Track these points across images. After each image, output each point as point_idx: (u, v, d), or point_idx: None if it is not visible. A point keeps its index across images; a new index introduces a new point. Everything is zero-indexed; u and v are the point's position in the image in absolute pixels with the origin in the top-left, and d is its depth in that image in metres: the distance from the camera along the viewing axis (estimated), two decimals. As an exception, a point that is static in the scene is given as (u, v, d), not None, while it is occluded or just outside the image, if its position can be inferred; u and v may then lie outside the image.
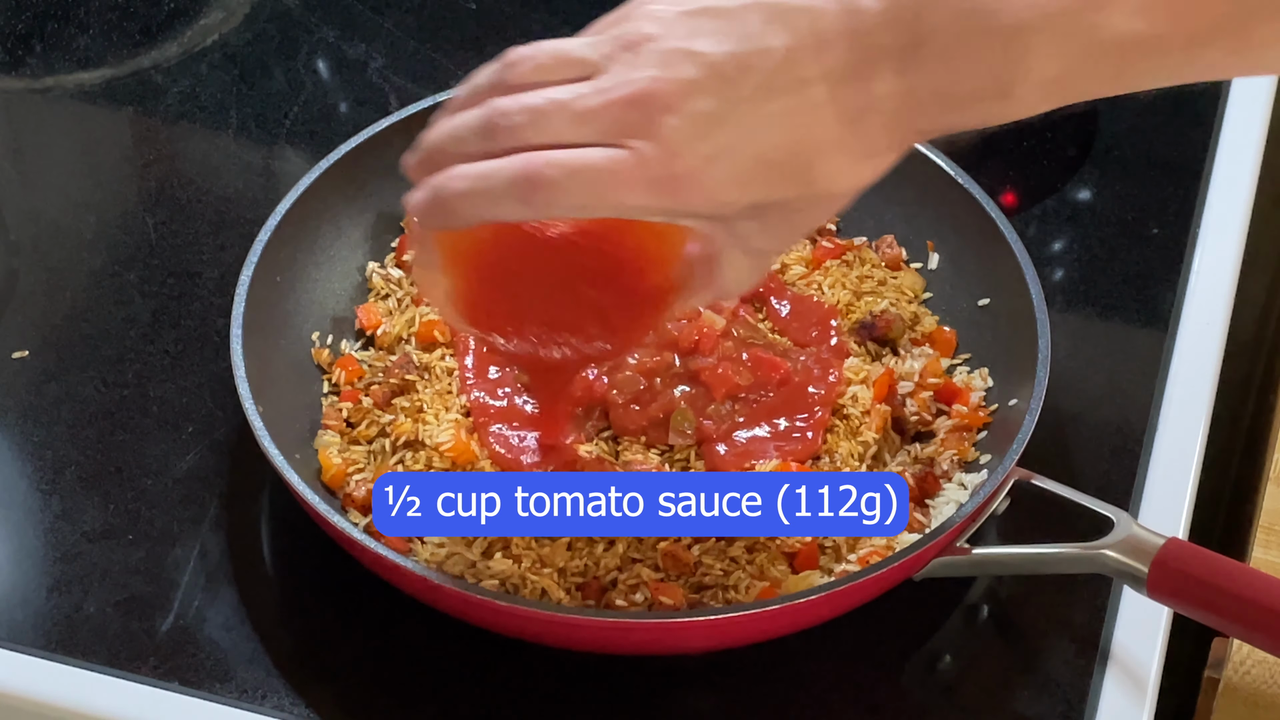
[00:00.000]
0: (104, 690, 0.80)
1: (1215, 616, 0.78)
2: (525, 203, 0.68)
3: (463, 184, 0.69)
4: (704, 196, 0.68)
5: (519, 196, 0.68)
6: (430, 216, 0.71)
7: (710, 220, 0.70)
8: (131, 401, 0.92)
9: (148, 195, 1.03)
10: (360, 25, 1.12)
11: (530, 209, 0.69)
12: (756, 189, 0.69)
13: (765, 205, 0.70)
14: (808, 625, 0.80)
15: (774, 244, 0.74)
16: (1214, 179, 1.03)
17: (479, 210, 0.69)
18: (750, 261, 0.74)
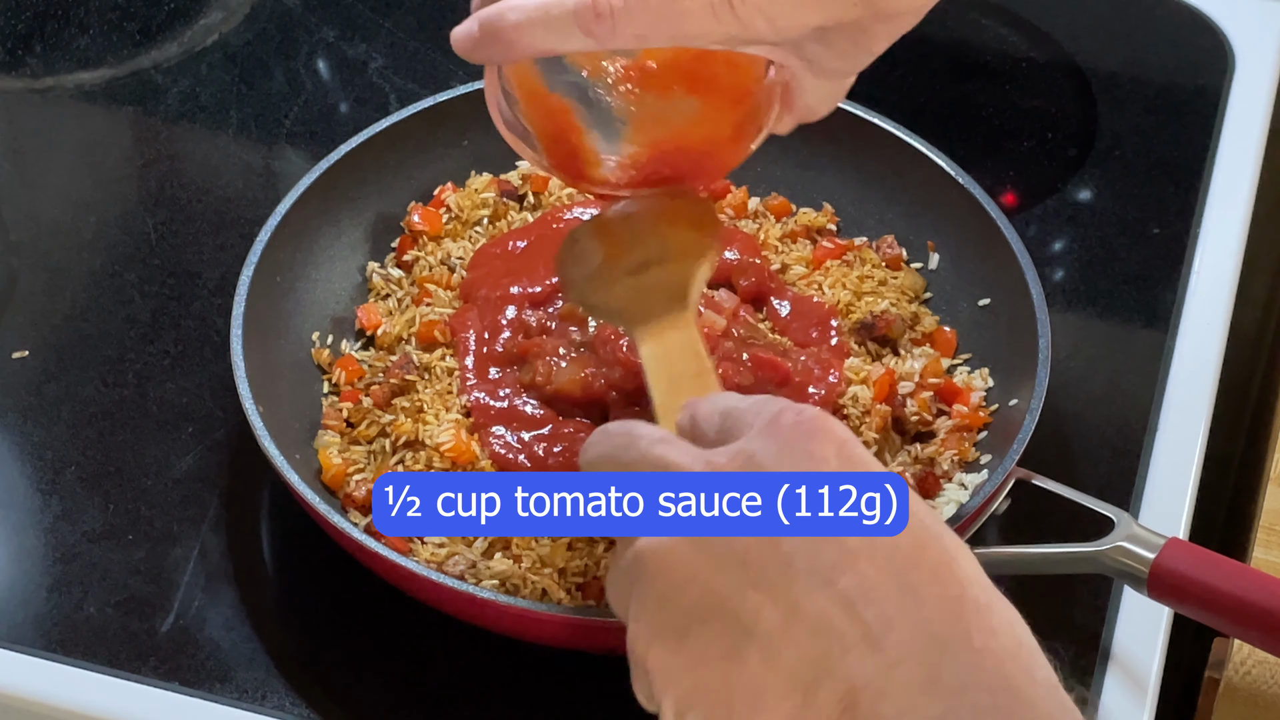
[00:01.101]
0: (104, 690, 0.80)
1: (1215, 616, 0.77)
2: (587, 32, 0.67)
3: (519, 14, 0.67)
4: (765, 21, 0.67)
5: (581, 25, 0.67)
6: (483, 49, 0.69)
7: (777, 46, 0.69)
8: (131, 402, 0.92)
9: (148, 195, 1.03)
10: (360, 25, 1.12)
11: (592, 38, 0.67)
12: (816, 10, 0.68)
13: (830, 27, 0.69)
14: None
15: (847, 65, 0.73)
16: (1214, 179, 1.03)
17: (537, 41, 0.68)
18: (826, 84, 0.73)
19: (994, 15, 1.14)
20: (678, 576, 0.59)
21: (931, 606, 0.56)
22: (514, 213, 0.96)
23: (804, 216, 0.97)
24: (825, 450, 0.59)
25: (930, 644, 0.56)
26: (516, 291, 0.90)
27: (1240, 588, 0.76)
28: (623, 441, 0.64)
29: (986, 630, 0.56)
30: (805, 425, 0.60)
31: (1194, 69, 1.11)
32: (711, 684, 0.58)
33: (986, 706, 0.55)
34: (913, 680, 0.55)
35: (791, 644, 0.57)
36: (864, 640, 0.56)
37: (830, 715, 0.56)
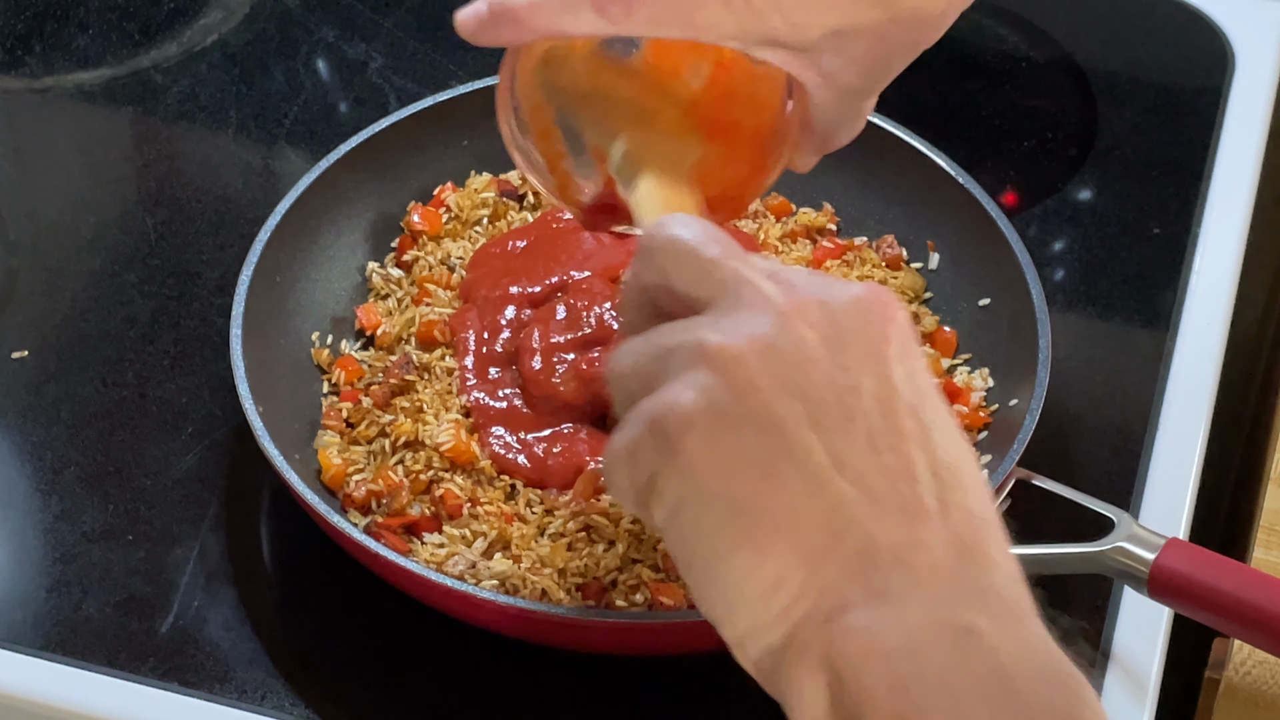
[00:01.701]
0: (104, 690, 0.80)
1: (1215, 616, 0.77)
2: (600, 12, 0.66)
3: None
4: (780, 16, 0.66)
5: (595, 6, 0.66)
6: (491, 30, 0.68)
7: (793, 52, 0.68)
8: (131, 402, 0.92)
9: (147, 195, 1.03)
10: (360, 25, 1.12)
11: (604, 20, 0.66)
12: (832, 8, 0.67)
13: (848, 32, 0.68)
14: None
15: (864, 81, 0.71)
16: (1214, 179, 1.03)
17: (549, 22, 0.67)
18: (843, 104, 0.71)
19: (994, 15, 1.14)
20: (747, 381, 0.56)
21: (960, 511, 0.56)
22: (514, 212, 0.96)
23: (804, 216, 0.97)
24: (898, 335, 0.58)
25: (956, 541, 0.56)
26: (516, 291, 0.90)
27: (1240, 588, 0.76)
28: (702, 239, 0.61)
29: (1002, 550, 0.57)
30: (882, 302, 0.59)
31: (1194, 69, 1.11)
32: (742, 492, 0.56)
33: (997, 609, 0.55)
34: (933, 562, 0.55)
35: (833, 490, 0.56)
36: (900, 512, 0.56)
37: (848, 565, 0.55)
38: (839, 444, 0.56)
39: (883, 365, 0.57)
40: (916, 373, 0.58)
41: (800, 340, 0.57)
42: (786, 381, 0.57)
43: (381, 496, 0.84)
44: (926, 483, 0.56)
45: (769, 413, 0.56)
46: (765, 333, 0.57)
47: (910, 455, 0.57)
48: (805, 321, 0.57)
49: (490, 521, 0.82)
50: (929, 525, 0.56)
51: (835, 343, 0.57)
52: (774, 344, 0.57)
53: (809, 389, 0.57)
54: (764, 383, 0.56)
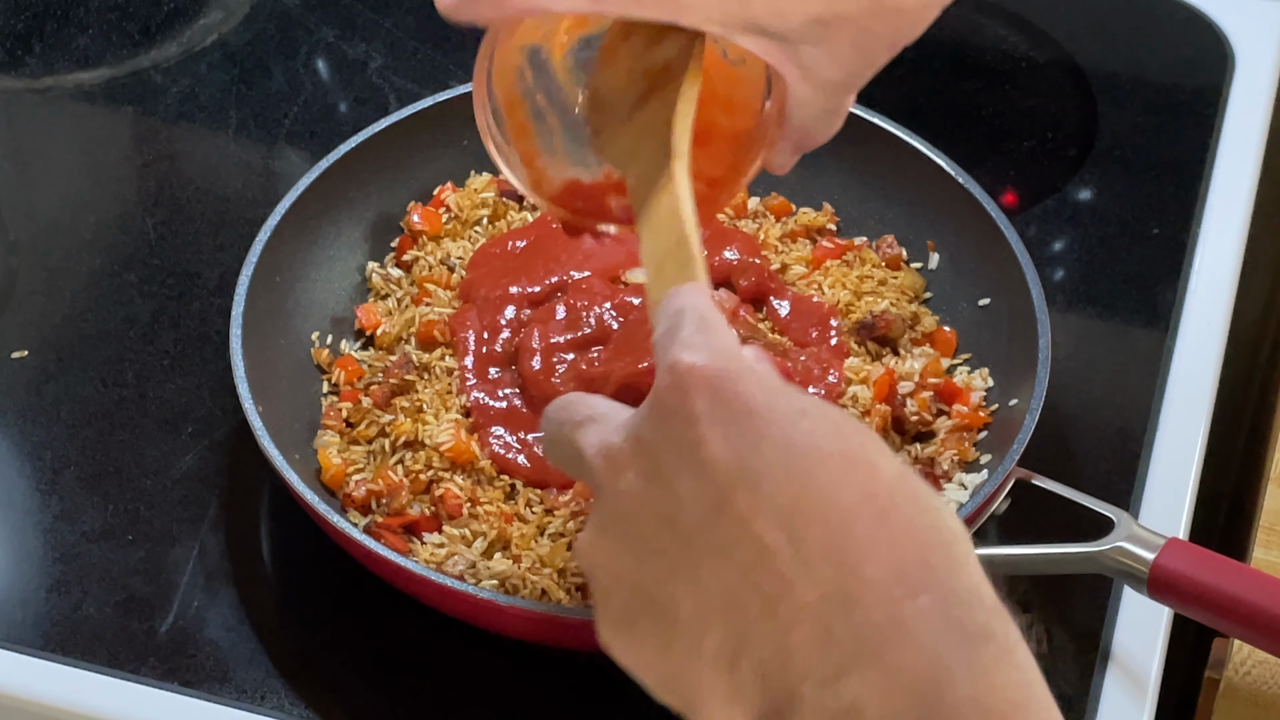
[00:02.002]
0: (103, 690, 0.80)
1: (1215, 616, 0.77)
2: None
3: None
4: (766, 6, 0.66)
5: None
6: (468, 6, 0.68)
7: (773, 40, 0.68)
8: (131, 402, 0.92)
9: (147, 195, 1.03)
10: (360, 25, 1.12)
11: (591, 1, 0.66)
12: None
13: (830, 20, 0.68)
14: (808, 625, 0.80)
15: (843, 74, 0.71)
16: (1214, 179, 1.03)
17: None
18: (822, 98, 0.71)
19: (994, 15, 1.14)
20: (608, 574, 0.60)
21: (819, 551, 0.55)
22: (513, 212, 0.96)
23: (804, 216, 0.97)
24: (696, 406, 0.58)
25: (823, 598, 0.55)
26: (516, 291, 0.90)
27: (1240, 588, 0.76)
28: (557, 420, 0.64)
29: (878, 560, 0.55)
30: (673, 386, 0.58)
31: (1194, 69, 1.11)
32: (663, 678, 0.59)
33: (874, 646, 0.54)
34: (808, 640, 0.55)
35: (707, 628, 0.57)
36: (762, 610, 0.56)
37: (754, 690, 0.56)
38: (694, 579, 0.57)
39: (694, 456, 0.57)
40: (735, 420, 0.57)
41: (620, 499, 0.59)
42: (631, 550, 0.59)
43: (381, 496, 0.84)
44: (775, 555, 0.56)
45: (635, 594, 0.58)
46: (599, 518, 0.60)
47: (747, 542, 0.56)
48: (620, 473, 0.59)
49: (490, 521, 0.82)
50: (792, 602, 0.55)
51: (651, 470, 0.58)
52: (605, 525, 0.60)
53: (648, 543, 0.58)
54: (616, 571, 0.59)
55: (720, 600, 0.56)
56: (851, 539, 0.55)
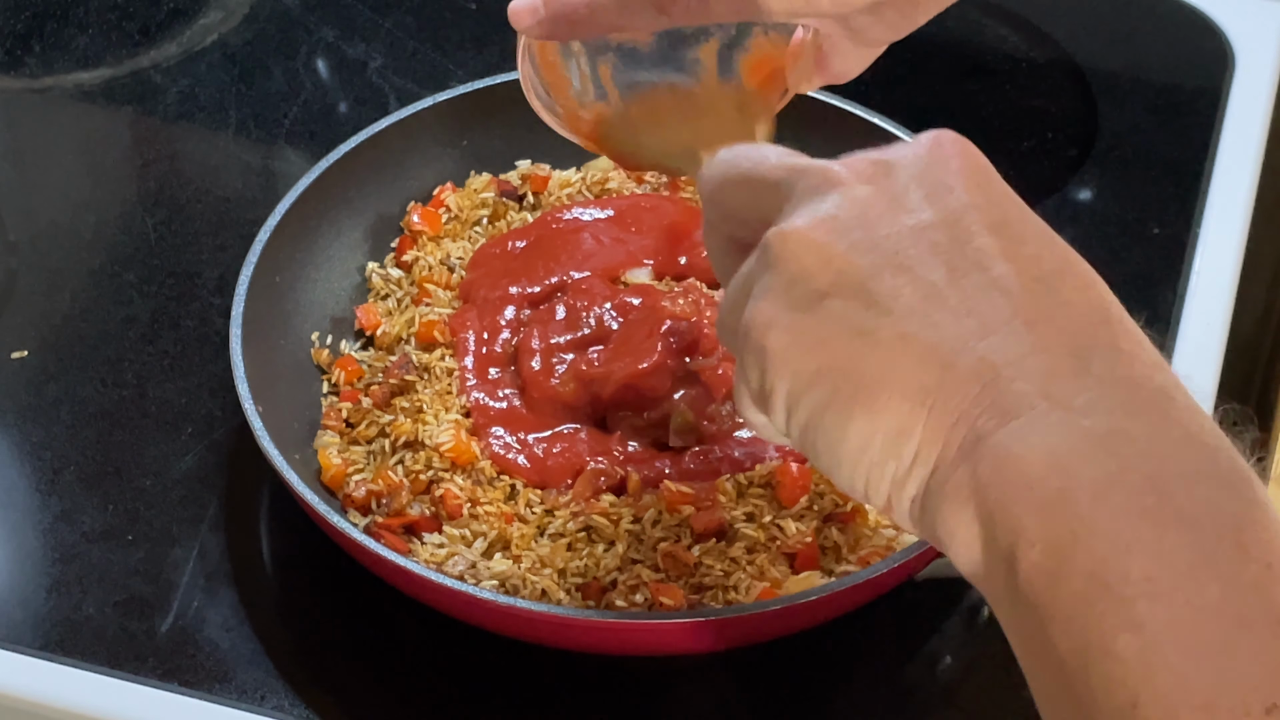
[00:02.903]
0: (104, 691, 0.80)
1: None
2: (663, 10, 0.66)
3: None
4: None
5: (657, 5, 0.66)
6: (548, 28, 0.68)
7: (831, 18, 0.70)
8: (131, 402, 0.92)
9: (147, 195, 1.03)
10: (360, 25, 1.12)
11: (668, 17, 0.66)
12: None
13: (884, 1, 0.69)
14: (808, 625, 0.80)
15: (890, 34, 0.73)
16: (1214, 179, 1.03)
17: (608, 19, 0.67)
18: (864, 50, 0.73)
19: (994, 15, 1.14)
20: (813, 256, 0.56)
21: (1077, 309, 0.54)
22: (513, 213, 0.96)
23: (804, 216, 0.96)
24: (967, 166, 0.58)
25: (1078, 338, 0.53)
26: (516, 292, 0.90)
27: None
28: (753, 154, 0.62)
29: (1134, 340, 0.54)
30: (946, 142, 0.59)
31: (1194, 69, 1.11)
32: (837, 361, 0.55)
33: (1140, 403, 0.52)
34: (1059, 366, 0.53)
35: (930, 322, 0.54)
36: (1009, 324, 0.54)
37: (968, 392, 0.53)
38: (923, 280, 0.55)
39: (951, 195, 0.56)
40: (994, 193, 0.57)
41: (860, 200, 0.57)
42: (854, 243, 0.56)
43: (381, 496, 0.83)
44: (1028, 290, 0.54)
45: (842, 278, 0.56)
46: (823, 209, 0.57)
47: (999, 270, 0.55)
48: (863, 182, 0.57)
49: (490, 522, 0.82)
50: (1043, 330, 0.53)
51: (899, 190, 0.57)
52: (833, 214, 0.57)
53: (878, 241, 0.56)
54: (828, 253, 0.56)
55: (958, 303, 0.54)
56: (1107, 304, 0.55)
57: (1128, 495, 0.50)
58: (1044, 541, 0.50)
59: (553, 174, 0.97)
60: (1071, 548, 0.49)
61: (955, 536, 0.53)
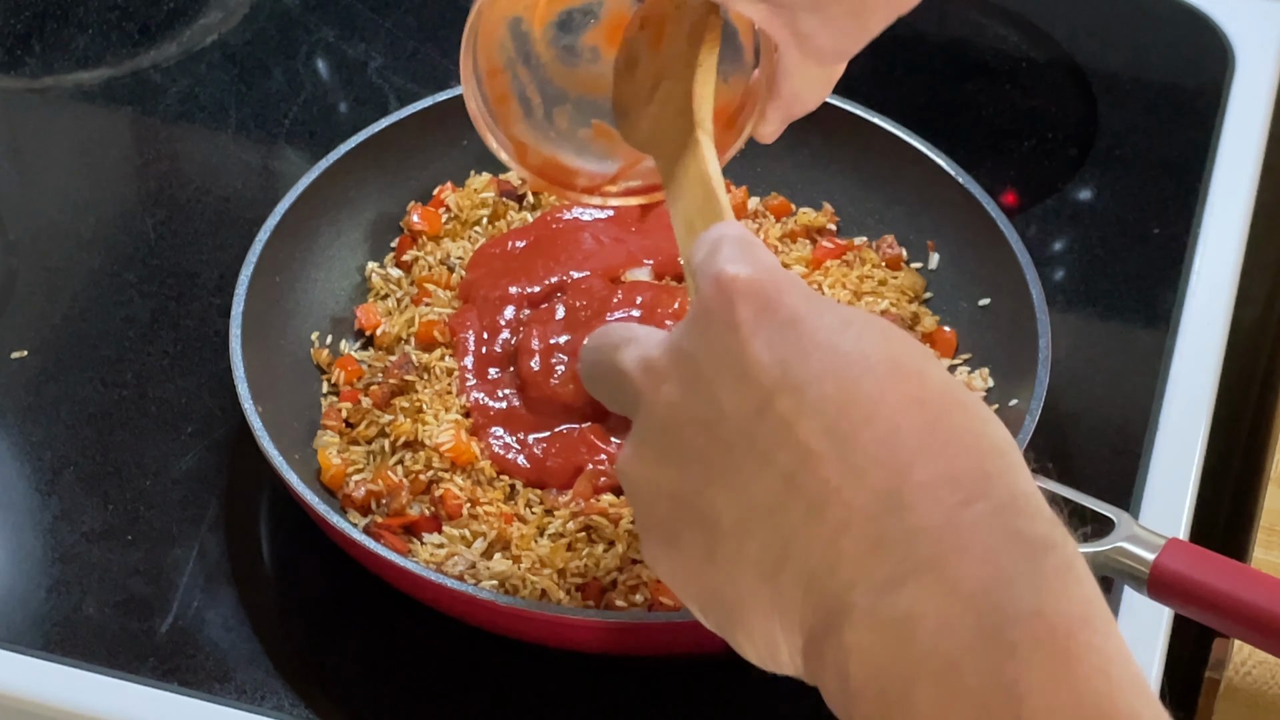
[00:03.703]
0: (103, 690, 0.80)
1: (1216, 617, 0.77)
2: None
3: None
4: None
5: None
6: None
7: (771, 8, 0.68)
8: (130, 402, 0.92)
9: (147, 195, 1.03)
10: (360, 25, 1.12)
11: None
12: None
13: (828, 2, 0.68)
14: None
15: (838, 42, 0.71)
16: (1214, 179, 1.03)
17: None
18: (815, 69, 0.71)
19: (994, 15, 1.14)
20: (650, 487, 0.59)
21: (867, 457, 0.54)
22: (513, 213, 0.96)
23: (804, 216, 0.97)
24: (739, 314, 0.57)
25: (873, 502, 0.53)
26: (515, 292, 0.90)
27: (1240, 588, 0.76)
28: (595, 346, 0.64)
29: (933, 464, 0.53)
30: (716, 295, 0.57)
31: (1194, 69, 1.11)
32: (705, 590, 0.58)
33: (926, 559, 0.52)
34: (858, 545, 0.53)
35: (749, 535, 0.55)
36: (807, 516, 0.54)
37: (796, 599, 0.55)
38: (736, 486, 0.56)
39: (736, 363, 0.56)
40: (780, 327, 0.56)
41: (660, 411, 0.58)
42: (674, 461, 0.58)
43: (381, 497, 0.84)
44: (820, 461, 0.54)
45: (676, 505, 0.58)
46: (639, 433, 0.59)
47: (790, 448, 0.55)
48: (660, 384, 0.58)
49: (490, 522, 0.82)
50: (837, 508, 0.53)
51: (692, 381, 0.58)
52: (646, 438, 0.59)
53: (688, 453, 0.57)
54: (657, 485, 0.58)
55: (763, 506, 0.55)
56: (900, 443, 0.54)
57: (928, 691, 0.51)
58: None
59: (553, 174, 0.97)
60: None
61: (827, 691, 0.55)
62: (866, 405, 0.54)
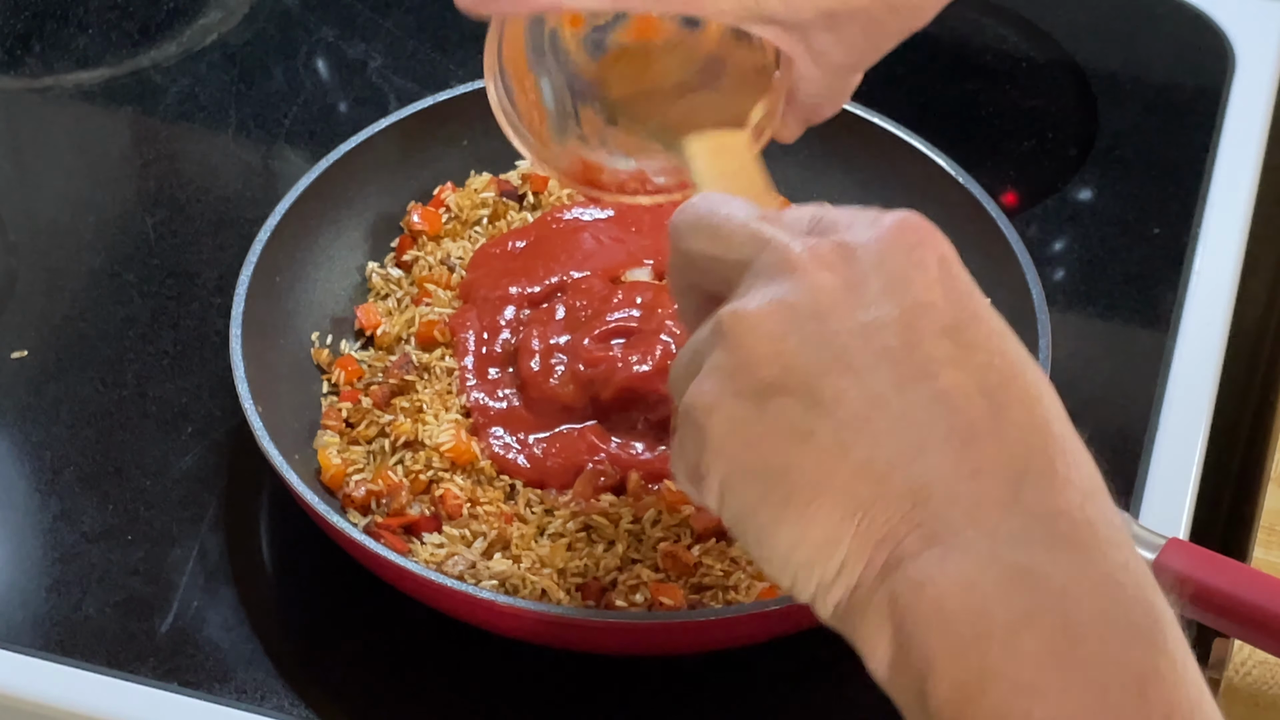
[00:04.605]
0: (104, 690, 0.80)
1: (1215, 616, 0.77)
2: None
3: None
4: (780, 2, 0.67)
5: None
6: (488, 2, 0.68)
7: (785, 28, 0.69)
8: (131, 402, 0.92)
9: (147, 195, 1.03)
10: (360, 25, 1.12)
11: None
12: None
13: (840, 12, 0.68)
14: (808, 625, 0.79)
15: (854, 59, 0.72)
16: (1214, 179, 1.03)
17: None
18: (831, 79, 0.72)
19: (994, 15, 1.14)
20: (764, 346, 0.56)
21: (1018, 427, 0.54)
22: (513, 213, 0.96)
23: (804, 216, 0.96)
24: (928, 258, 0.57)
25: (1014, 461, 0.53)
26: (516, 292, 0.90)
27: (1240, 588, 0.76)
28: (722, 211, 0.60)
29: (1070, 463, 0.54)
30: (910, 228, 0.58)
31: (1194, 69, 1.11)
32: (774, 460, 0.55)
33: (1064, 538, 0.52)
34: (991, 492, 0.53)
35: (870, 433, 0.54)
36: (947, 441, 0.53)
37: (898, 510, 0.53)
38: (868, 385, 0.54)
39: (910, 292, 0.56)
40: (953, 289, 0.56)
41: (817, 289, 0.56)
42: (805, 337, 0.55)
43: (381, 496, 0.84)
44: (973, 405, 0.54)
45: (789, 374, 0.55)
46: (780, 294, 0.56)
47: (946, 381, 0.54)
48: (823, 268, 0.56)
49: (490, 521, 0.82)
50: (980, 451, 0.53)
51: (856, 280, 0.56)
52: (788, 302, 0.56)
53: (830, 337, 0.55)
54: (780, 345, 0.55)
55: (901, 411, 0.54)
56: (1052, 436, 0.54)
57: (1038, 639, 0.51)
58: (953, 679, 0.51)
59: (553, 174, 0.97)
60: (979, 689, 0.51)
61: (874, 651, 0.54)
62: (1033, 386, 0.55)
